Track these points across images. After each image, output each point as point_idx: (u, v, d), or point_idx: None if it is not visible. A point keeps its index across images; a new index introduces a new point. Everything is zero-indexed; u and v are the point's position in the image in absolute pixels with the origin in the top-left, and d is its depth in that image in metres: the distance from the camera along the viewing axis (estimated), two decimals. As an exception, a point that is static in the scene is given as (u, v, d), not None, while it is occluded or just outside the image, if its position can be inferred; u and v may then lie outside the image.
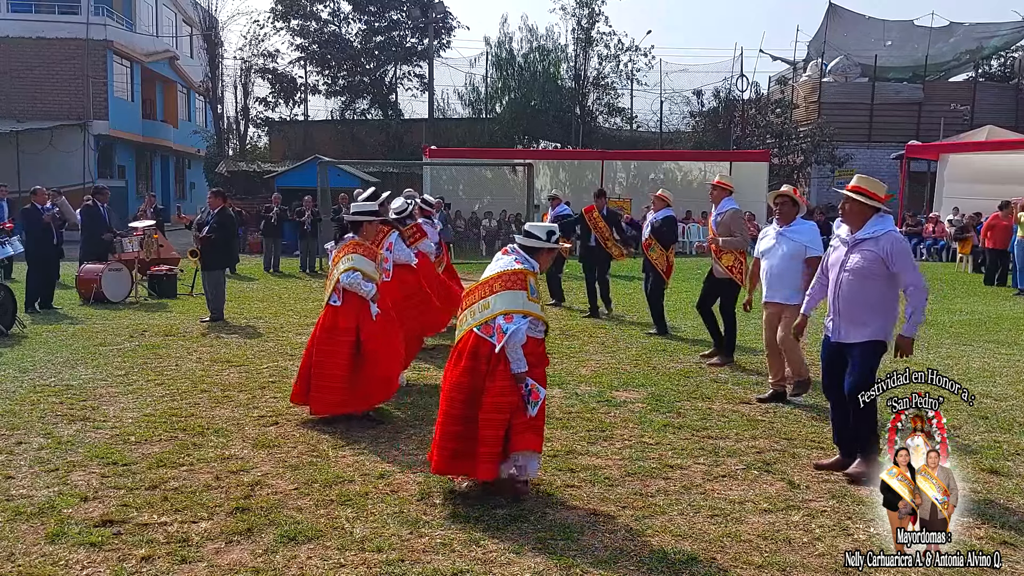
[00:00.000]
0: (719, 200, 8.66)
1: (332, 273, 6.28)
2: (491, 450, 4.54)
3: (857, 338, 5.11)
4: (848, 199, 5.17)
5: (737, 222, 8.59)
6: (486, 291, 4.66)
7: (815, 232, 7.02)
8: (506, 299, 4.57)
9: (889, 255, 4.99)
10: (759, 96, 34.80)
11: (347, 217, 6.58)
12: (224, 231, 11.29)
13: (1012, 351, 9.31)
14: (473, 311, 4.70)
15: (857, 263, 5.09)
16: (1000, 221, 16.24)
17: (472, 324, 4.67)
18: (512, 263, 4.71)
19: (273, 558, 3.98)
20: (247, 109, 35.48)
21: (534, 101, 33.92)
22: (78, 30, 30.06)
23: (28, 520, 4.37)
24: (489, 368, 4.59)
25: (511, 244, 4.89)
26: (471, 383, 4.61)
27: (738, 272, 8.45)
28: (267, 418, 6.39)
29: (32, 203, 12.15)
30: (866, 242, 5.08)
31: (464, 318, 4.78)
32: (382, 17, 36.38)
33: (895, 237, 5.05)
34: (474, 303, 4.71)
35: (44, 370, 8.00)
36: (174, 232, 23.03)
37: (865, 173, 5.76)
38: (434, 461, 4.74)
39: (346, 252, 6.24)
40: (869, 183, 5.17)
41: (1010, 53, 35.88)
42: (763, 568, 3.92)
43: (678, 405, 6.83)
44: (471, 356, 4.64)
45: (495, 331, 4.55)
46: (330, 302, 6.25)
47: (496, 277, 4.67)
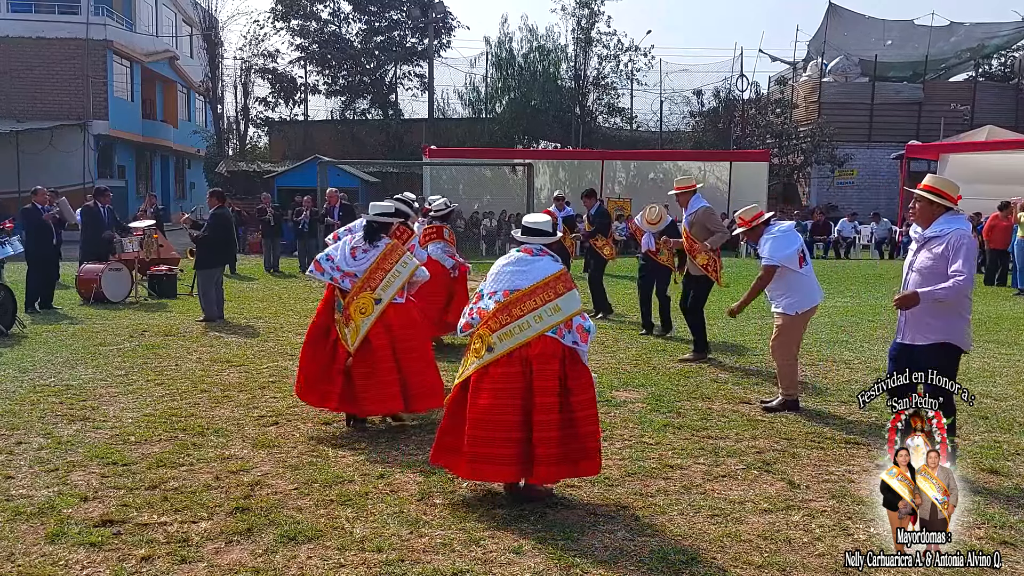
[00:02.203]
0: (687, 203, 8.73)
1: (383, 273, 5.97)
2: (597, 445, 4.64)
3: (922, 341, 4.99)
4: (918, 198, 5.09)
5: (710, 218, 8.65)
6: (550, 295, 4.59)
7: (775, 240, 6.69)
8: (573, 299, 4.64)
9: (951, 248, 4.87)
10: (759, 96, 34.83)
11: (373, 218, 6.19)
12: (217, 231, 11.28)
13: (1012, 351, 9.31)
14: (538, 316, 4.56)
15: (923, 261, 5.02)
16: (1000, 222, 16.25)
17: (542, 329, 4.55)
18: (552, 263, 4.72)
19: (273, 558, 3.97)
20: (247, 109, 35.54)
21: (534, 101, 33.94)
22: (78, 30, 30.06)
23: (28, 520, 4.37)
24: (566, 368, 4.59)
25: (532, 244, 4.79)
26: (550, 386, 4.55)
27: (712, 270, 8.57)
28: (267, 418, 6.39)
29: (32, 203, 12.15)
30: (933, 240, 4.99)
31: (524, 325, 4.56)
32: (382, 17, 36.41)
33: (962, 233, 4.92)
34: (535, 308, 4.57)
35: (44, 370, 7.99)
36: (174, 232, 23.03)
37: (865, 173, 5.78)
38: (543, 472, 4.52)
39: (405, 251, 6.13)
40: (941, 183, 5.09)
41: (1010, 53, 35.89)
42: (763, 568, 3.92)
43: (678, 405, 6.83)
44: (551, 359, 4.55)
45: (574, 329, 4.59)
46: (394, 301, 5.99)
47: (555, 280, 4.63)
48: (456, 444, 4.65)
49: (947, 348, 4.96)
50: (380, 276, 5.97)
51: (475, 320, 4.72)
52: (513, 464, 4.51)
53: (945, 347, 4.96)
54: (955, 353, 5.00)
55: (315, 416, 6.42)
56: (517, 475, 4.57)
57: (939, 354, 4.91)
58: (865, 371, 8.05)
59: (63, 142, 28.93)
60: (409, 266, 6.03)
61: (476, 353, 4.64)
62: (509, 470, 4.53)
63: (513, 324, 4.57)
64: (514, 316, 4.58)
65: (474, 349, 4.67)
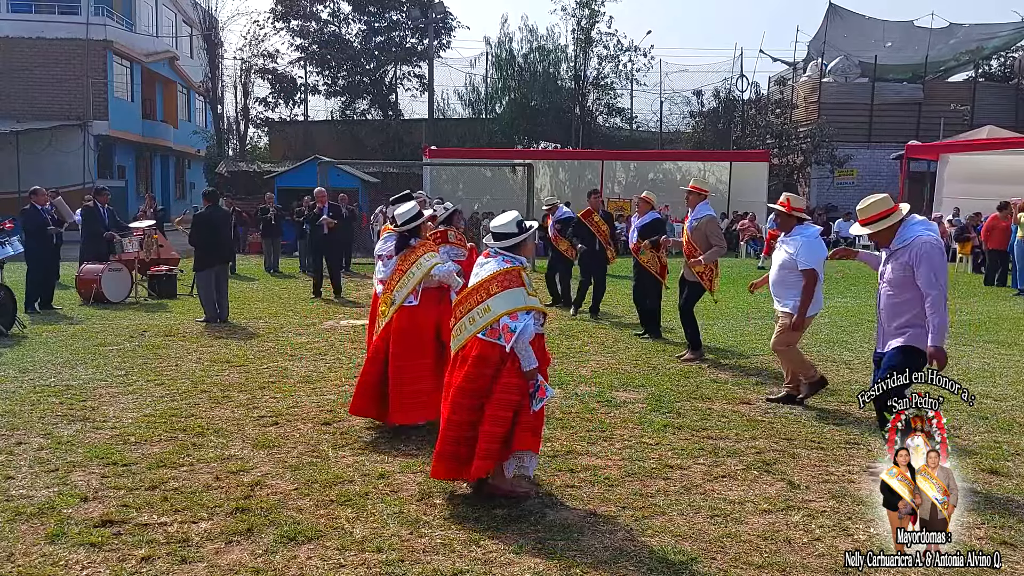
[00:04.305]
0: (695, 205, 8.79)
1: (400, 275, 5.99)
2: (490, 447, 4.51)
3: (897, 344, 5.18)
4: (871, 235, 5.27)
5: (713, 229, 8.70)
6: (482, 295, 4.61)
7: (810, 243, 6.76)
8: (507, 299, 4.55)
9: (916, 258, 4.99)
10: (759, 96, 34.82)
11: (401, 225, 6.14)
12: (200, 232, 11.25)
13: (1012, 351, 9.31)
14: (472, 318, 4.63)
15: (892, 273, 5.16)
16: (1000, 222, 16.25)
17: (475, 330, 4.61)
18: (501, 263, 4.69)
19: (273, 558, 3.97)
20: (247, 109, 35.56)
21: (534, 101, 33.97)
22: (78, 30, 30.05)
23: (28, 520, 4.37)
24: (496, 371, 4.56)
25: (490, 247, 4.80)
26: (478, 388, 4.57)
27: (707, 279, 8.72)
28: (267, 418, 6.39)
29: (32, 203, 12.15)
30: (899, 251, 5.11)
31: (462, 326, 4.70)
32: (382, 17, 36.43)
33: (923, 240, 5.00)
34: (470, 309, 4.65)
35: (44, 370, 7.99)
36: (174, 232, 23.03)
37: (865, 173, 5.83)
38: (434, 466, 4.67)
39: (424, 251, 6.02)
40: (872, 206, 5.20)
41: (1010, 53, 35.88)
42: (763, 568, 3.91)
43: (678, 405, 6.83)
44: (478, 362, 4.57)
45: (501, 332, 4.52)
46: (406, 303, 5.97)
47: (490, 279, 4.62)
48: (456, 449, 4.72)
49: (911, 349, 5.10)
50: (397, 278, 6.05)
51: None
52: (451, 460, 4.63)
53: (910, 348, 5.11)
54: (918, 356, 5.08)
55: (315, 416, 6.43)
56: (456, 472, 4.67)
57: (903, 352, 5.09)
58: (865, 371, 8.05)
59: (63, 142, 28.93)
60: (424, 267, 5.92)
61: None
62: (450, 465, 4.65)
63: (457, 324, 4.75)
64: (457, 317, 4.77)
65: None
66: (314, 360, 8.63)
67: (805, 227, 6.90)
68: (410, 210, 6.17)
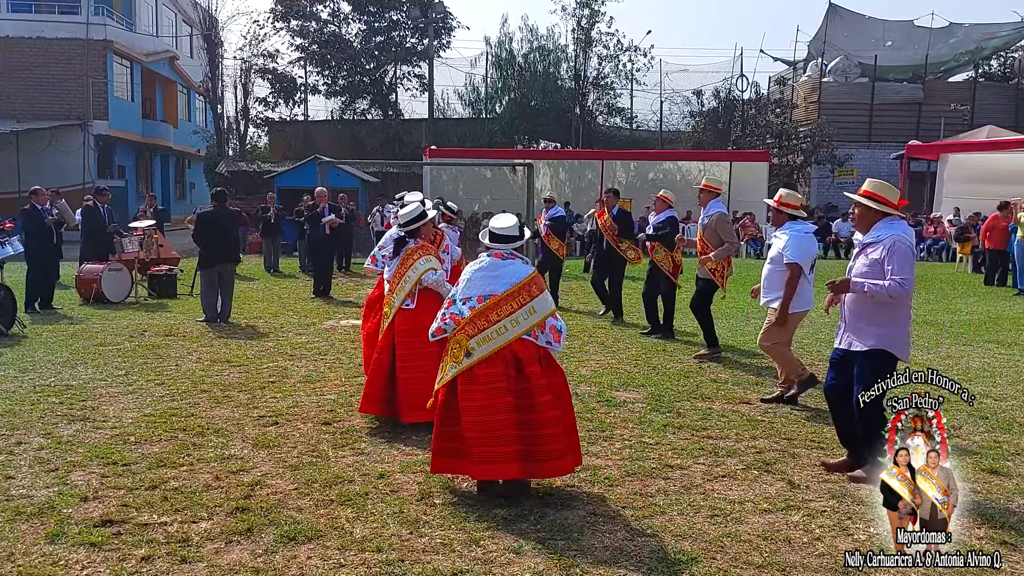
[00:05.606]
0: (706, 203, 8.79)
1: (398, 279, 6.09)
2: (575, 440, 4.83)
3: (859, 346, 4.97)
4: (856, 203, 5.07)
5: (723, 226, 8.69)
6: (524, 298, 4.71)
7: (799, 238, 6.78)
8: (546, 300, 4.80)
9: (888, 253, 4.82)
10: (759, 96, 34.83)
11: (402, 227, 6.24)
12: (199, 232, 11.32)
13: (1012, 351, 9.31)
14: (515, 320, 4.68)
15: (860, 267, 4.98)
16: (999, 222, 16.25)
17: (518, 332, 4.68)
18: (523, 266, 4.85)
19: (273, 558, 3.97)
20: (247, 109, 35.57)
21: (534, 101, 33.98)
22: (78, 30, 30.04)
23: (28, 520, 4.37)
24: (543, 367, 4.76)
25: (501, 248, 4.85)
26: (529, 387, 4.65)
27: (719, 276, 8.71)
28: (267, 418, 6.39)
29: (32, 203, 12.14)
30: (870, 246, 4.96)
31: (500, 329, 4.66)
32: (382, 17, 36.43)
33: (897, 238, 4.86)
34: (512, 313, 4.68)
35: (44, 370, 7.99)
36: (174, 232, 23.04)
37: (865, 173, 5.78)
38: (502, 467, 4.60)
39: (420, 255, 6.08)
40: (881, 188, 5.04)
41: (1010, 53, 35.90)
42: (763, 568, 3.91)
43: (678, 405, 6.83)
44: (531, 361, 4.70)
45: (547, 330, 4.74)
46: (403, 306, 6.06)
47: (529, 282, 4.76)
48: (457, 447, 4.69)
49: (883, 355, 4.91)
50: (396, 280, 6.15)
51: (448, 325, 4.80)
52: (515, 461, 4.56)
53: (881, 354, 4.91)
54: (891, 361, 4.92)
55: (315, 416, 6.43)
56: (522, 471, 4.60)
57: (874, 361, 4.88)
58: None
59: (63, 142, 28.92)
60: (418, 271, 6.03)
61: (454, 358, 4.72)
62: (514, 467, 4.57)
63: (491, 329, 4.69)
64: (491, 321, 4.70)
65: (452, 354, 4.74)
66: (314, 360, 8.63)
67: (796, 223, 6.92)
68: (412, 211, 6.21)
